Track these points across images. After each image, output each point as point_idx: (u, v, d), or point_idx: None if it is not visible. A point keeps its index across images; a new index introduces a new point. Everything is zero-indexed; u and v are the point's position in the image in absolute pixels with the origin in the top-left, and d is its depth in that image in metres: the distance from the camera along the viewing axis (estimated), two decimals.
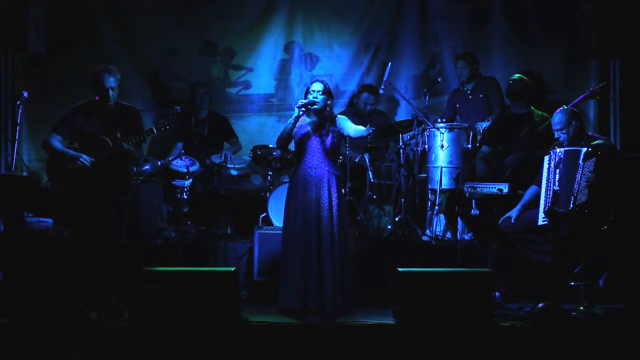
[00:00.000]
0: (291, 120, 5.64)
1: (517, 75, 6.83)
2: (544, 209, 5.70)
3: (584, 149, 5.62)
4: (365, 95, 7.63)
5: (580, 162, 5.60)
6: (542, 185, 5.77)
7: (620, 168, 5.81)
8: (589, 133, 6.17)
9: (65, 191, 5.76)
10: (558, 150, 5.73)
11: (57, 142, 5.74)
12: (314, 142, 5.64)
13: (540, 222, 5.74)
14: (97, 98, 5.74)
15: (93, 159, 5.63)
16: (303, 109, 5.58)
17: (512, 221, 5.89)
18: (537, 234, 5.82)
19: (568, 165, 5.66)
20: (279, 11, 8.05)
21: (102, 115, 5.72)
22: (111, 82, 5.67)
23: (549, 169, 5.74)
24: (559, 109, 5.88)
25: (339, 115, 5.78)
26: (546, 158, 5.79)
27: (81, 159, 5.63)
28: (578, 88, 7.29)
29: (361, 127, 5.68)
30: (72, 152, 5.71)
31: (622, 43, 7.41)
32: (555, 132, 5.83)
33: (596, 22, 7.56)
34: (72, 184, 5.68)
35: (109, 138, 5.65)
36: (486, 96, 7.40)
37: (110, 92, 5.67)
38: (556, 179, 5.68)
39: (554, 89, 7.84)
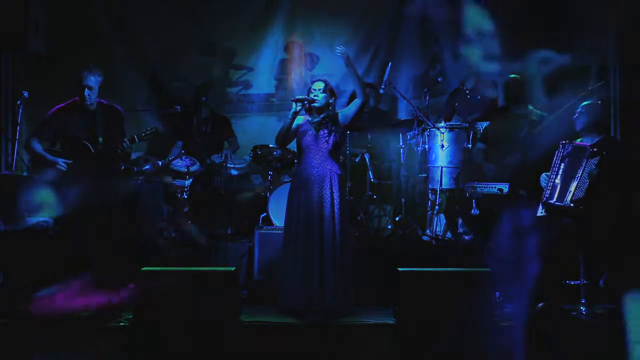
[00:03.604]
0: (289, 115, 5.63)
1: (512, 75, 6.83)
2: (543, 199, 5.73)
3: (590, 148, 5.66)
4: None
5: (585, 158, 5.63)
6: (546, 177, 5.79)
7: (624, 167, 5.82)
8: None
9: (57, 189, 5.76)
10: (566, 144, 5.78)
11: (37, 145, 5.71)
12: (317, 141, 5.62)
13: (538, 214, 5.75)
14: (77, 98, 5.70)
15: (71, 162, 5.58)
16: (300, 103, 5.58)
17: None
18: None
19: (573, 160, 5.71)
20: (279, 11, 8.07)
21: (84, 116, 5.67)
22: (90, 81, 5.61)
23: (555, 161, 5.78)
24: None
25: (339, 112, 5.77)
26: (556, 152, 5.84)
27: (58, 165, 5.60)
28: (578, 88, 7.28)
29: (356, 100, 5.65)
30: (50, 156, 5.67)
31: (622, 44, 7.41)
32: (576, 114, 5.88)
33: (596, 22, 7.57)
34: (58, 184, 5.67)
35: (90, 143, 5.61)
36: (485, 96, 7.40)
37: (86, 90, 5.61)
38: (559, 172, 5.72)
39: (553, 89, 7.83)
